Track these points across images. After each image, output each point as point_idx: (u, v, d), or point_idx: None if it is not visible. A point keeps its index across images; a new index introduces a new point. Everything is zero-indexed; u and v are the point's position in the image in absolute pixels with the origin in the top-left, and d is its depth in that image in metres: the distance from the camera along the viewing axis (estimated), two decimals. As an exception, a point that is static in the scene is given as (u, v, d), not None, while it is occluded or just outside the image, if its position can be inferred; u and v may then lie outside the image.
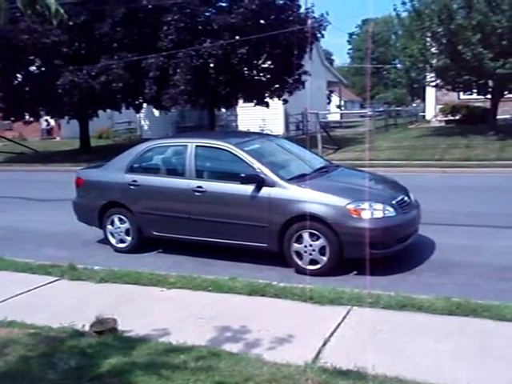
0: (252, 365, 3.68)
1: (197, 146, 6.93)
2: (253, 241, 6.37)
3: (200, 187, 6.65)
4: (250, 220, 6.33)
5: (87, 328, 4.42)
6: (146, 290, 5.59)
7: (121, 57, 18.89)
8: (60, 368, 3.69)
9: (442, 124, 25.69)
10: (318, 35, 21.25)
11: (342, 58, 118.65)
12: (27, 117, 23.33)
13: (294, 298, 5.03)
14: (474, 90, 20.30)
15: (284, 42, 19.19)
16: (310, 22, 20.73)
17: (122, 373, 3.60)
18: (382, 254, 5.88)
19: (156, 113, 27.49)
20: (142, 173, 7.26)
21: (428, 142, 19.29)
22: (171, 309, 5.04)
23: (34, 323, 4.63)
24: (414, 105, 46.52)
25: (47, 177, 17.28)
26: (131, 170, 7.31)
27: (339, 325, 4.42)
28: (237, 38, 18.66)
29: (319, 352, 3.93)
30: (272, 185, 6.23)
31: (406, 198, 6.43)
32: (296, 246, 6.04)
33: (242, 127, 27.75)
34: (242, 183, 6.36)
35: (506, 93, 19.84)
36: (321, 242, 5.91)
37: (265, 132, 25.92)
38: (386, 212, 5.95)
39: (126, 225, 7.27)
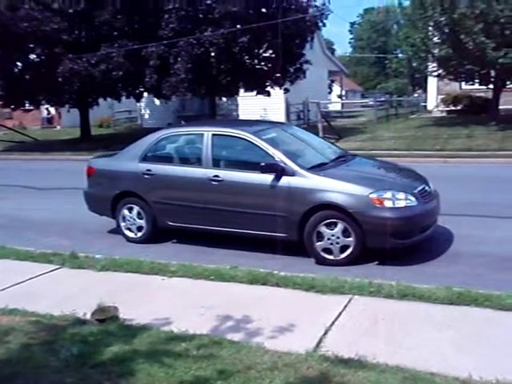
0: (253, 353, 3.69)
1: (213, 134, 6.80)
2: (271, 231, 6.26)
3: (217, 176, 6.55)
4: (269, 210, 6.22)
5: (89, 316, 4.43)
6: (148, 278, 5.60)
7: (121, 45, 18.77)
8: (62, 355, 3.69)
9: (444, 114, 25.61)
10: (320, 24, 21.12)
11: (343, 47, 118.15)
12: (27, 105, 23.26)
13: (296, 287, 5.04)
14: (476, 80, 20.20)
15: (285, 31, 19.06)
16: (311, 10, 20.61)
17: (123, 360, 3.61)
18: (403, 244, 5.88)
19: (157, 102, 27.40)
20: (157, 162, 7.14)
21: (429, 132, 19.25)
22: (172, 297, 5.05)
23: (35, 311, 4.64)
24: (416, 95, 46.30)
25: (47, 166, 17.27)
26: (145, 158, 7.20)
27: (340, 314, 4.43)
28: (238, 26, 18.54)
29: (320, 341, 3.93)
30: (292, 174, 6.14)
31: (426, 188, 6.38)
32: (320, 235, 5.97)
33: (242, 116, 27.66)
34: (262, 172, 6.25)
35: (508, 83, 19.76)
36: (344, 232, 5.86)
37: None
38: (408, 201, 5.89)
39: (140, 215, 7.17)
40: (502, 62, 16.91)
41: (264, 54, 20.28)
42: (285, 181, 6.15)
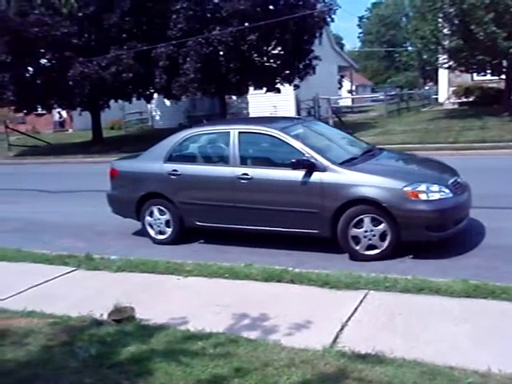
0: (270, 350, 3.70)
1: (240, 132, 6.72)
2: (303, 227, 6.24)
3: (246, 174, 6.48)
4: (300, 206, 6.16)
5: (105, 317, 4.46)
6: (163, 278, 5.62)
7: (130, 47, 18.88)
8: (80, 356, 3.73)
9: (456, 106, 25.40)
10: (328, 19, 21.04)
11: (352, 42, 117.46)
12: (39, 109, 23.45)
13: (310, 284, 5.03)
14: (488, 71, 20.05)
15: (293, 28, 19.02)
16: (319, 6, 20.53)
17: (140, 360, 3.63)
18: (438, 237, 5.86)
19: (167, 102, 27.51)
20: (183, 161, 7.06)
21: (441, 124, 19.09)
22: (188, 296, 5.06)
23: (53, 313, 4.68)
24: (427, 88, 45.99)
25: (60, 169, 17.42)
26: (170, 159, 7.10)
27: (356, 309, 4.41)
28: (246, 24, 18.53)
29: (337, 336, 3.92)
30: (323, 169, 6.08)
31: (458, 179, 6.34)
32: (354, 231, 5.91)
33: (253, 114, 27.66)
34: (292, 169, 6.19)
35: (520, 72, 19.54)
36: (380, 226, 5.83)
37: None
38: (442, 193, 5.85)
39: (166, 216, 7.08)
40: (513, 51, 16.74)
41: (273, 52, 20.25)
42: (316, 176, 6.09)
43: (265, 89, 21.42)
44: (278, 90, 21.48)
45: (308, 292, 4.91)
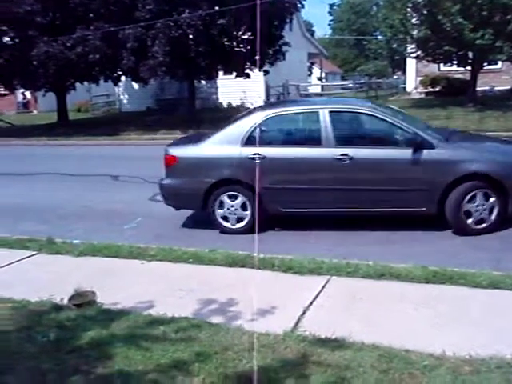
0: (231, 335, 3.71)
1: (330, 111, 6.49)
2: (409, 206, 6.23)
3: (345, 155, 6.24)
4: (409, 185, 6.18)
5: (66, 301, 4.40)
6: (126, 262, 5.58)
7: (97, 27, 18.42)
8: (38, 341, 3.67)
9: (423, 96, 25.74)
10: (299, 5, 20.97)
11: (323, 29, 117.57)
12: (1, 90, 22.77)
13: (274, 269, 5.06)
14: (454, 62, 20.29)
15: (264, 13, 18.87)
16: (290, -9, 20.42)
17: (100, 345, 3.60)
18: None
19: (135, 85, 27.02)
20: (266, 144, 6.63)
21: (409, 113, 19.30)
22: (152, 281, 5.03)
23: (11, 297, 4.58)
24: (395, 77, 46.41)
25: (24, 151, 16.98)
26: (249, 142, 6.52)
27: (318, 294, 4.46)
28: (216, 8, 18.32)
29: (298, 321, 3.96)
30: (431, 147, 6.12)
31: None
32: (467, 205, 6.00)
33: (222, 99, 27.50)
34: (398, 148, 6.27)
35: (485, 64, 19.88)
36: (490, 200, 6.00)
37: (246, 104, 25.83)
38: None
39: (240, 202, 6.59)
40: (479, 43, 17.00)
41: (243, 36, 20.09)
42: (425, 154, 6.12)
43: (234, 74, 21.28)
44: (248, 76, 21.36)
45: (271, 277, 4.94)
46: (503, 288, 4.36)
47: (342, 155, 6.27)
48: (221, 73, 21.98)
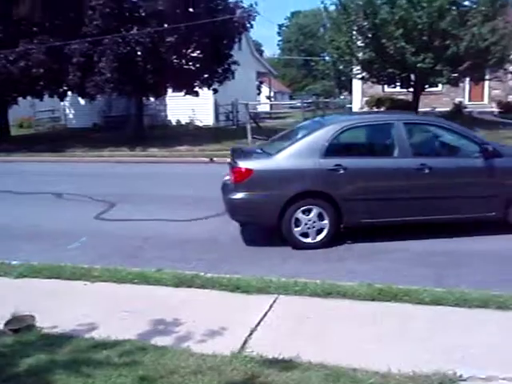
0: (178, 357, 3.63)
1: (405, 123, 6.76)
2: (481, 212, 6.66)
3: (423, 164, 6.50)
4: (484, 192, 6.65)
5: (1, 326, 4.18)
6: (69, 284, 5.36)
7: (42, 41, 18.00)
8: (-29, 370, 3.46)
9: (368, 116, 26.45)
10: (248, 25, 21.20)
11: (272, 49, 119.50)
12: None
13: (222, 288, 5.00)
14: (398, 83, 21.04)
15: (213, 32, 18.99)
16: (238, 11, 20.65)
17: (39, 372, 3.43)
18: None
19: (82, 101, 26.49)
20: (346, 155, 6.72)
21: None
22: (95, 303, 4.86)
23: None
24: (342, 97, 47.59)
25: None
26: (328, 153, 6.54)
27: (266, 314, 4.44)
28: (165, 25, 18.27)
29: (245, 342, 3.92)
30: (499, 155, 6.64)
31: None
32: None
33: (171, 117, 27.33)
34: (483, 158, 6.59)
35: (426, 86, 20.70)
36: None
37: (195, 122, 25.76)
38: None
39: (321, 216, 6.49)
40: (420, 66, 17.71)
41: (192, 54, 20.10)
42: (496, 162, 6.63)
43: (183, 91, 21.22)
44: (197, 94, 21.35)
45: (219, 297, 4.88)
46: (445, 304, 4.47)
47: (421, 165, 6.53)
48: (170, 90, 21.86)
